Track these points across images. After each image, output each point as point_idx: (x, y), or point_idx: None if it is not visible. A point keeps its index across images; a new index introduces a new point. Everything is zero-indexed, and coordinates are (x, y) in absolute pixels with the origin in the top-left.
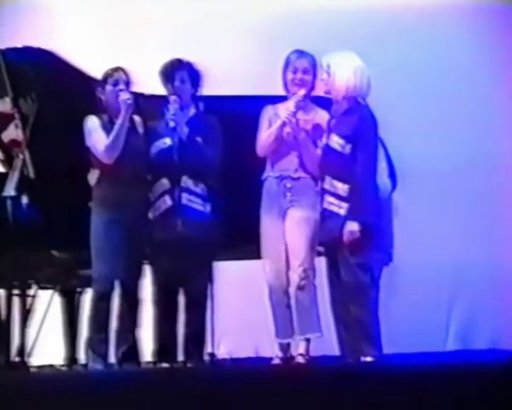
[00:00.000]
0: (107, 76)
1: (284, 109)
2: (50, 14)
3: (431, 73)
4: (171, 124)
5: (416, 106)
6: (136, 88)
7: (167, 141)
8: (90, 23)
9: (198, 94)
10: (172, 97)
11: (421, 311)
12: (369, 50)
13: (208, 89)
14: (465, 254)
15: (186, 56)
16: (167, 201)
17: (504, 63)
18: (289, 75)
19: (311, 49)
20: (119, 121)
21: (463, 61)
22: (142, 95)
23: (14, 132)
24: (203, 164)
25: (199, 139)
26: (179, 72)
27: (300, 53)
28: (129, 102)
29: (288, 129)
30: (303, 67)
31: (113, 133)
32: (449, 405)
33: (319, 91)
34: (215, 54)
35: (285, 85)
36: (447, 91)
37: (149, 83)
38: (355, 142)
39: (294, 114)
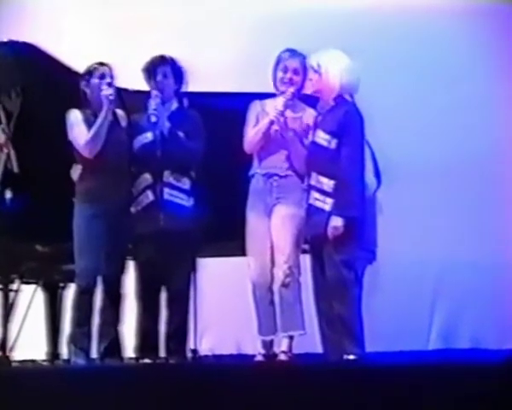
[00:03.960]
0: (93, 70)
1: (272, 107)
2: (44, 12)
3: (425, 71)
4: (153, 119)
5: (408, 104)
6: (125, 84)
7: (149, 135)
8: (82, 19)
9: (182, 90)
10: (154, 92)
11: (404, 310)
12: (364, 49)
13: (198, 85)
14: (448, 254)
15: (175, 54)
16: (149, 195)
17: (501, 62)
18: (279, 74)
19: (301, 47)
20: (100, 116)
21: (459, 61)
22: (125, 90)
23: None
24: (185, 158)
25: (180, 134)
26: (161, 67)
27: (292, 52)
28: (111, 97)
29: (275, 127)
30: (293, 67)
31: (94, 128)
32: (431, 403)
33: (308, 90)
34: (205, 51)
35: (274, 83)
36: (443, 89)
37: (139, 79)
38: (341, 136)
39: (282, 112)
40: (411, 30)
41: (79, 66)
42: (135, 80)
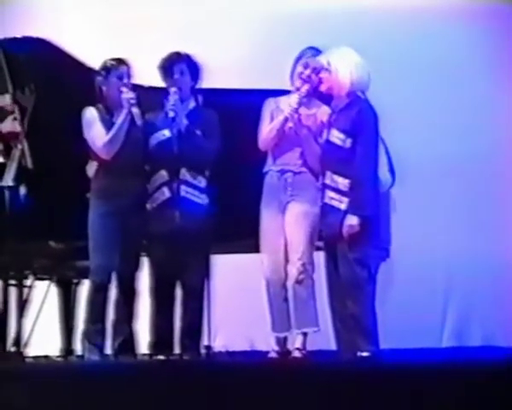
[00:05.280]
0: (111, 67)
1: (287, 104)
2: (46, 10)
3: (429, 71)
4: (171, 114)
5: (415, 103)
6: (136, 81)
7: (166, 133)
8: (91, 16)
9: (197, 86)
10: (172, 89)
11: (417, 307)
12: (370, 49)
13: (209, 83)
14: (460, 252)
15: (186, 50)
16: (165, 193)
17: (504, 62)
18: (299, 68)
19: (314, 44)
20: (120, 119)
21: (463, 59)
22: (141, 87)
23: (11, 124)
24: (202, 157)
25: (198, 132)
26: (178, 64)
27: (316, 51)
28: (132, 101)
29: (290, 124)
30: (314, 65)
31: (113, 131)
32: (443, 401)
33: (322, 87)
34: (216, 49)
35: (291, 77)
36: (446, 89)
37: (150, 77)
38: (355, 135)
39: (297, 109)
40: (414, 29)
41: (87, 60)
42: (137, 77)
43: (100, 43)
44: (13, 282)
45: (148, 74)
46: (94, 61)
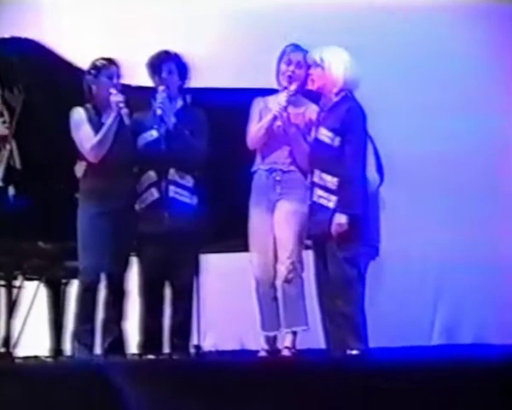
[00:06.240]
0: (101, 66)
1: (275, 103)
2: (45, 9)
3: (423, 67)
4: (159, 112)
5: (408, 103)
6: (126, 81)
7: (154, 133)
8: (84, 16)
9: (185, 86)
10: (160, 87)
11: (407, 305)
12: (362, 47)
13: (198, 82)
14: (451, 249)
15: (174, 49)
16: (154, 193)
17: (501, 62)
18: (283, 67)
19: (302, 43)
20: (108, 122)
21: (460, 59)
22: (129, 86)
23: (0, 127)
24: (190, 156)
25: (186, 131)
26: (166, 63)
27: (296, 47)
28: (121, 105)
29: (278, 123)
30: (297, 60)
31: (100, 134)
32: (433, 399)
33: (311, 86)
34: (205, 47)
35: (277, 77)
36: (440, 88)
37: (140, 76)
38: (344, 134)
39: (285, 108)
40: (408, 28)
41: (79, 63)
42: (135, 77)
43: (90, 43)
44: (2, 282)
45: (138, 74)
46: (85, 60)
